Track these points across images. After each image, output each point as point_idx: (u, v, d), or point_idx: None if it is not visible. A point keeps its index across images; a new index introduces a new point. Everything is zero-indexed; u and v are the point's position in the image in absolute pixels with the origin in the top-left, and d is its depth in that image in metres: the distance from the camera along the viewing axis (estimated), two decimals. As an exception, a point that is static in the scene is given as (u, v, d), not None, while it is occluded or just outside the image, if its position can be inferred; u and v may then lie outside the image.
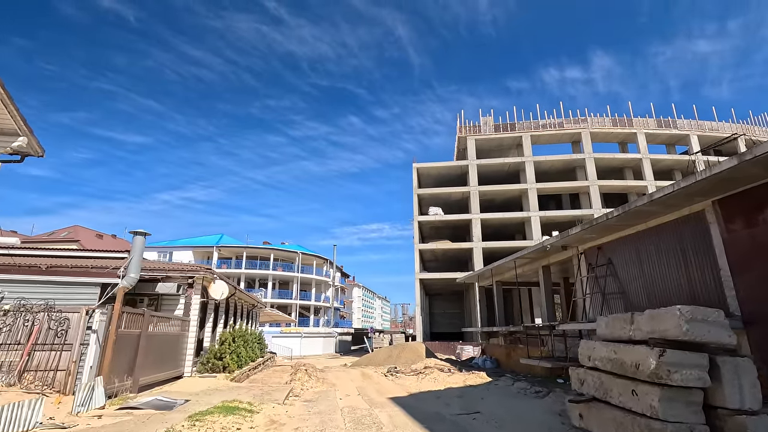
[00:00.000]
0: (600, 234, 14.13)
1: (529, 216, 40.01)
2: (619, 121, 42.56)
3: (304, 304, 50.15)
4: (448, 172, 44.70)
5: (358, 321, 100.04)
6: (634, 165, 42.79)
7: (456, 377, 14.25)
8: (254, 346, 21.44)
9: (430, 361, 22.21)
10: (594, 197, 39.64)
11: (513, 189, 41.61)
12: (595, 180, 40.13)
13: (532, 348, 20.13)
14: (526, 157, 41.98)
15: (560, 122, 43.10)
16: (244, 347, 18.18)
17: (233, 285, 16.89)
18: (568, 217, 40.00)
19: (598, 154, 41.24)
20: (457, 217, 41.39)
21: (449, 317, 58.72)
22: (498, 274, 24.03)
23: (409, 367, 21.67)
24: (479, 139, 43.74)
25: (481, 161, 42.47)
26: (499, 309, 24.34)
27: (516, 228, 43.79)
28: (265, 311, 32.22)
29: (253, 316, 28.21)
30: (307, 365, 22.11)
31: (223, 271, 44.27)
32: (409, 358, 26.75)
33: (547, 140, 44.61)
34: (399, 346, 28.41)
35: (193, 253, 46.05)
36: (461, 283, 47.59)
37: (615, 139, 44.06)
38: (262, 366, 22.10)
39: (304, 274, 49.63)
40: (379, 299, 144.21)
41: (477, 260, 39.20)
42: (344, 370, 23.62)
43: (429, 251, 43.89)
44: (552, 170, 43.82)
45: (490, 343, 25.78)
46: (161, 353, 11.68)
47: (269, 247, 47.57)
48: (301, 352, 44.82)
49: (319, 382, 15.03)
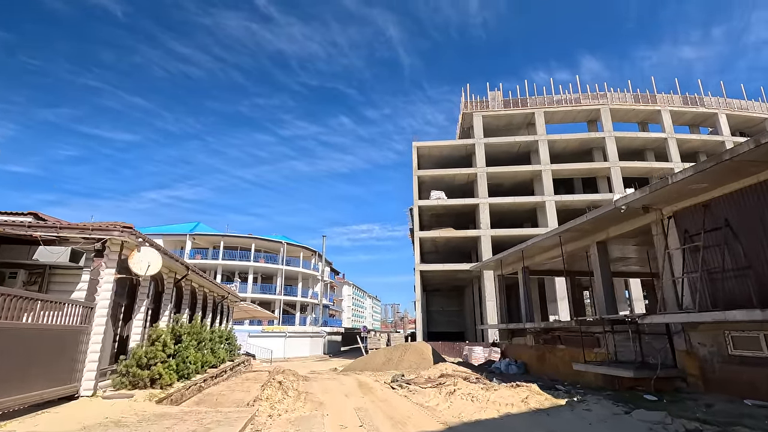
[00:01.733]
0: (717, 181, 9.57)
1: (544, 201, 35.62)
2: (641, 97, 38.46)
3: (289, 300, 45.10)
4: (451, 152, 40.11)
5: (348, 321, 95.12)
6: (656, 146, 38.72)
7: (502, 393, 9.60)
8: (218, 348, 16.53)
9: (445, 366, 17.50)
10: (616, 180, 35.40)
11: (525, 171, 37.18)
12: (616, 161, 35.90)
13: (577, 349, 15.59)
14: (540, 136, 37.61)
15: (576, 98, 38.83)
16: (197, 349, 13.27)
17: (177, 260, 11.97)
18: (585, 203, 35.72)
19: (619, 133, 37.05)
20: (462, 201, 36.81)
21: (448, 315, 54.18)
22: (527, 258, 19.47)
23: (417, 374, 16.93)
24: (487, 115, 39.23)
25: (490, 140, 37.97)
26: (527, 301, 19.76)
27: (525, 216, 39.38)
28: (240, 306, 27.20)
29: (223, 311, 23.20)
30: (287, 372, 17.20)
31: (197, 262, 39.08)
32: (413, 361, 22.03)
33: (561, 118, 40.31)
34: (400, 348, 23.68)
35: (164, 242, 40.65)
36: (463, 278, 43.17)
37: (635, 118, 39.96)
38: (229, 373, 17.18)
39: (290, 266, 44.58)
40: (370, 298, 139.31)
41: (485, 249, 34.66)
42: (335, 377, 18.79)
43: (429, 241, 39.25)
44: (565, 152, 39.53)
45: (513, 343, 21.18)
46: (34, 359, 6.81)
47: (250, 236, 42.45)
48: (285, 354, 39.83)
49: (299, 400, 10.21)
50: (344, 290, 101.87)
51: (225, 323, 24.27)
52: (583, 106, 38.08)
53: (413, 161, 38.57)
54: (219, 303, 21.42)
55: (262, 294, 42.32)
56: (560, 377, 16.34)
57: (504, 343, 22.05)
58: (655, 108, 37.95)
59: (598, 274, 14.48)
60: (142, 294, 10.97)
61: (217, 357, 15.83)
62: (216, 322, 21.19)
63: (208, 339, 15.71)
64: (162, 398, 8.90)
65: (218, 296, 21.25)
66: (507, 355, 21.52)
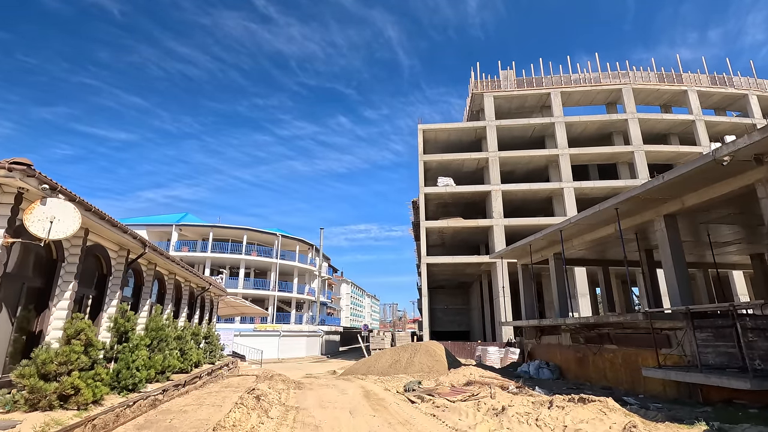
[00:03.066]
0: None
1: (561, 188, 32.62)
2: (666, 77, 35.52)
3: (284, 297, 41.97)
4: (460, 136, 37.08)
5: (346, 320, 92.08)
6: (681, 130, 35.82)
7: (580, 414, 6.60)
8: (190, 348, 13.44)
9: (468, 370, 14.43)
10: (640, 165, 32.43)
11: (541, 155, 34.19)
12: (641, 144, 32.94)
13: (634, 349, 12.58)
14: (556, 117, 34.61)
15: (596, 77, 35.87)
16: (154, 350, 10.20)
17: (126, 230, 8.87)
18: (606, 190, 32.73)
19: (643, 115, 34.09)
20: (472, 188, 33.77)
21: (452, 314, 51.15)
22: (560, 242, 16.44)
23: (436, 380, 13.88)
24: (498, 96, 36.21)
25: (502, 122, 34.95)
26: (562, 294, 16.74)
27: (539, 205, 36.41)
28: (227, 300, 24.09)
29: (204, 306, 20.11)
30: (275, 378, 14.15)
31: (184, 254, 35.96)
32: (424, 364, 18.97)
33: (577, 100, 37.34)
34: (408, 348, 20.62)
35: (147, 233, 37.52)
36: (471, 273, 40.15)
37: (658, 100, 37.02)
38: (205, 379, 14.09)
39: (285, 260, 41.43)
40: (369, 297, 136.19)
41: (498, 241, 31.64)
42: (334, 383, 15.71)
43: (436, 233, 36.23)
44: (582, 137, 36.57)
45: (542, 342, 18.14)
46: None
47: (242, 227, 39.29)
48: (279, 355, 36.72)
49: (285, 425, 7.12)
50: (342, 288, 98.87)
51: (207, 320, 21.21)
52: (603, 85, 35.10)
53: (419, 145, 35.53)
54: (198, 296, 18.32)
55: (255, 290, 39.19)
56: (611, 384, 13.33)
57: (530, 343, 19.00)
58: (680, 88, 35.02)
59: (668, 256, 11.44)
60: (68, 273, 7.86)
61: (188, 360, 12.73)
62: (195, 318, 18.10)
63: (175, 337, 12.60)
64: (72, 426, 5.80)
65: (197, 287, 18.15)
66: (534, 357, 18.48)
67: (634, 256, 18.06)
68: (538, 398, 9.16)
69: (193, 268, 16.37)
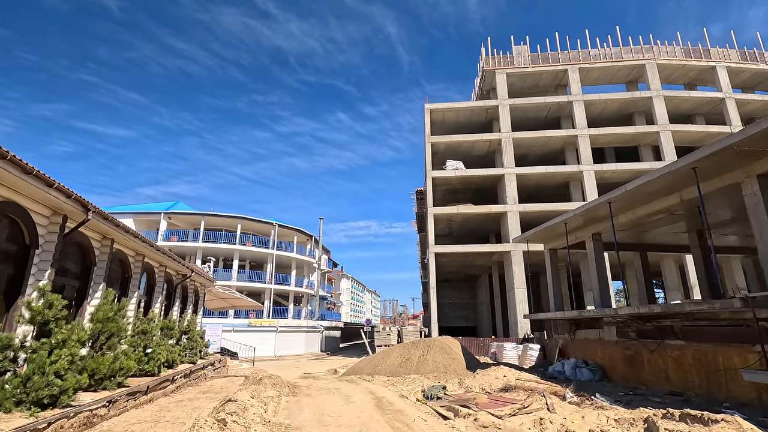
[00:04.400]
0: None
1: (581, 171, 30.09)
2: (693, 51, 32.90)
3: (281, 290, 39.47)
4: (469, 117, 34.50)
5: (346, 316, 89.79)
6: (707, 110, 33.27)
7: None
8: (159, 344, 10.95)
9: (500, 371, 11.93)
10: (666, 145, 29.89)
11: (558, 136, 31.64)
12: (666, 124, 30.38)
13: (712, 345, 10.13)
14: (575, 96, 32.03)
15: (617, 52, 33.25)
16: (96, 348, 7.71)
17: (52, 184, 6.34)
18: (628, 173, 30.19)
19: (668, 92, 31.52)
20: (484, 172, 31.24)
21: (459, 309, 48.78)
22: (600, 221, 13.97)
23: (464, 384, 11.41)
24: (511, 74, 33.59)
25: (516, 101, 32.35)
26: (600, 280, 14.26)
27: (555, 191, 33.89)
28: (215, 291, 21.60)
29: (187, 297, 17.63)
30: (264, 382, 11.67)
31: (173, 244, 33.46)
32: (440, 362, 16.51)
33: (596, 78, 34.74)
34: (420, 345, 18.16)
35: (134, 222, 35.01)
36: (481, 265, 37.61)
37: (682, 78, 34.43)
38: (180, 382, 11.59)
39: (282, 251, 38.90)
40: (369, 293, 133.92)
41: (512, 228, 29.14)
42: (337, 386, 13.22)
43: (444, 221, 33.74)
44: (601, 117, 34.01)
45: (576, 338, 15.67)
46: None
47: (235, 215, 36.73)
48: (276, 352, 34.33)
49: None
50: (342, 284, 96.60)
51: (192, 312, 18.74)
52: (625, 61, 32.46)
53: (426, 126, 32.97)
54: (178, 284, 15.81)
55: (250, 282, 36.71)
56: (677, 387, 10.86)
57: (561, 338, 16.53)
58: (708, 64, 32.41)
59: (765, 226, 8.93)
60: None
61: (155, 359, 10.25)
62: (175, 310, 15.61)
63: (138, 332, 10.13)
64: None
65: (176, 274, 15.65)
66: (567, 354, 16.03)
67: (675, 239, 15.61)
68: (615, 412, 6.68)
69: (170, 252, 13.87)
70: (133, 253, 11.58)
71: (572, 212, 13.75)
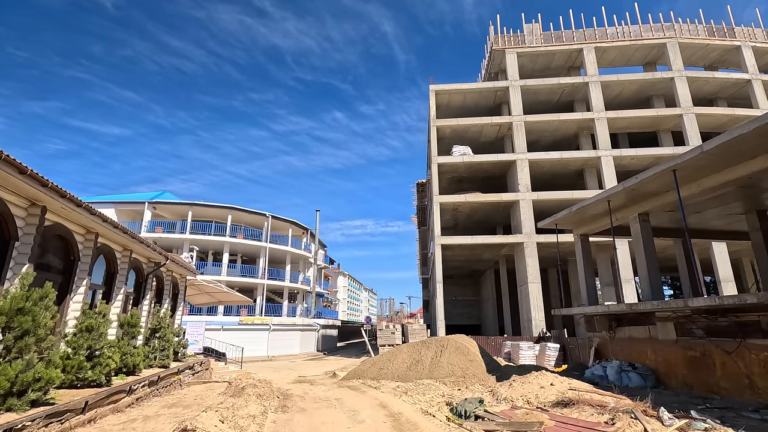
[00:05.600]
0: None
1: (599, 156, 27.91)
2: (716, 30, 30.79)
3: (275, 286, 37.06)
4: (477, 100, 32.23)
5: (343, 314, 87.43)
6: (730, 93, 31.24)
7: None
8: (102, 347, 8.54)
9: (545, 378, 9.62)
10: (690, 129, 27.76)
11: (573, 120, 29.43)
12: (690, 106, 28.25)
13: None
14: (591, 76, 29.82)
15: (635, 30, 31.07)
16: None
17: None
18: (648, 159, 28.10)
19: (692, 73, 29.38)
20: (494, 157, 29.00)
21: (462, 306, 46.59)
22: (649, 198, 11.75)
23: (489, 393, 9.13)
24: (523, 53, 31.33)
25: (527, 82, 30.10)
26: (650, 268, 12.02)
27: (568, 179, 31.70)
28: (197, 284, 19.20)
29: (164, 290, 15.23)
30: (246, 391, 9.34)
31: (158, 236, 31.00)
32: (456, 365, 14.24)
33: (612, 60, 32.57)
34: (431, 344, 15.87)
35: (116, 212, 32.50)
36: (488, 259, 35.32)
37: (703, 60, 32.32)
38: (142, 392, 9.20)
39: (276, 245, 36.48)
40: (366, 291, 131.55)
41: (525, 218, 26.93)
42: (338, 395, 10.88)
43: (448, 213, 31.52)
44: (617, 101, 31.86)
45: (617, 336, 13.43)
46: None
47: (226, 205, 34.26)
48: (269, 352, 31.97)
49: None
50: (339, 281, 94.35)
51: (170, 307, 16.36)
52: (645, 39, 30.26)
53: (431, 109, 30.67)
54: (150, 274, 13.41)
55: (241, 277, 34.30)
56: (764, 398, 8.65)
57: (597, 337, 14.28)
58: (732, 44, 30.31)
59: None
60: None
61: (101, 365, 7.89)
62: (145, 304, 13.22)
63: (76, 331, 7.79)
64: None
65: (148, 262, 13.26)
66: (604, 355, 13.79)
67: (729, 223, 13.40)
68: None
69: (138, 235, 11.54)
70: (82, 230, 9.20)
71: (621, 186, 11.48)
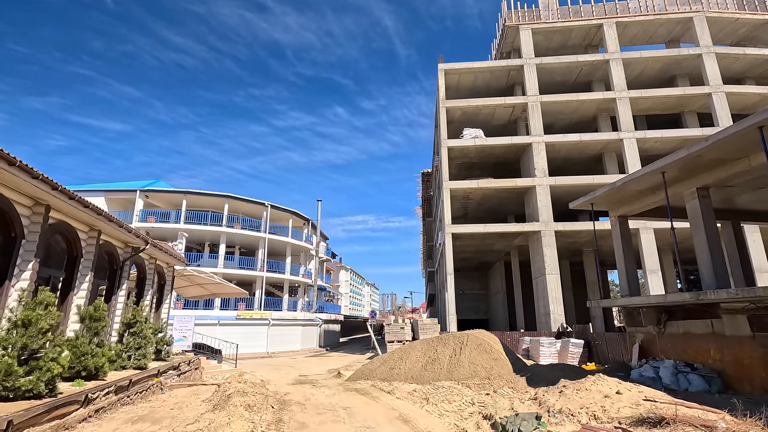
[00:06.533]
0: None
1: (620, 138, 26.01)
2: (747, 3, 28.71)
3: (275, 279, 35.33)
4: (488, 81, 30.28)
5: (345, 309, 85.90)
6: (760, 72, 29.28)
7: None
8: (39, 345, 6.73)
9: (609, 385, 7.76)
10: (720, 109, 25.80)
11: (593, 99, 27.49)
12: (720, 85, 26.28)
13: None
14: (612, 53, 27.82)
15: (659, 3, 28.98)
16: None
17: None
18: (674, 141, 26.16)
19: (721, 49, 27.39)
20: (508, 140, 27.08)
21: (469, 300, 44.78)
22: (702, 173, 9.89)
23: (530, 401, 7.33)
24: (538, 29, 29.31)
25: (543, 60, 28.14)
26: (713, 251, 10.18)
27: (585, 165, 29.82)
28: (188, 275, 17.41)
29: (146, 279, 13.45)
30: (232, 401, 7.50)
31: (150, 226, 29.22)
32: (479, 364, 12.44)
33: (633, 37, 30.55)
34: (449, 341, 14.07)
35: (106, 200, 30.72)
36: (499, 250, 33.42)
37: (730, 37, 30.24)
38: (105, 402, 7.29)
39: (275, 235, 34.70)
40: (368, 285, 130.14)
41: (542, 205, 25.10)
42: (344, 400, 9.07)
43: (458, 201, 29.69)
44: (639, 80, 29.85)
45: (667, 332, 11.60)
46: None
47: (222, 194, 32.46)
48: (268, 348, 30.29)
49: None
50: (341, 276, 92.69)
51: (155, 301, 14.62)
52: (670, 14, 28.20)
53: (439, 89, 28.73)
54: (127, 260, 11.60)
55: (239, 270, 32.55)
56: None
57: (641, 333, 12.45)
58: (764, 18, 28.26)
59: None
60: None
61: (42, 369, 6.10)
62: (120, 296, 11.44)
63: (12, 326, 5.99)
64: None
65: (125, 247, 11.46)
66: (651, 353, 11.97)
67: None
68: None
69: (108, 213, 9.72)
70: (27, 201, 7.38)
71: (684, 151, 9.61)
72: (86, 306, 9.05)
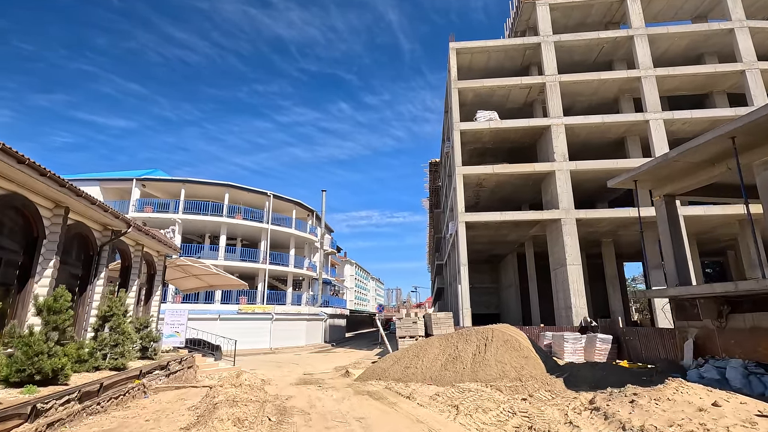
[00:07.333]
0: None
1: (646, 120, 24.25)
2: (781, -26, 26.77)
3: (278, 272, 33.93)
4: (502, 62, 28.53)
5: (351, 303, 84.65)
6: (795, 49, 27.28)
7: None
8: None
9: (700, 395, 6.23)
10: (754, 87, 23.97)
11: (615, 79, 25.72)
12: (754, 61, 24.43)
13: None
14: (636, 29, 25.98)
15: (687, -24, 27.09)
16: None
17: None
18: (704, 123, 24.41)
19: (754, 23, 25.48)
20: (524, 123, 25.40)
21: (480, 294, 43.16)
22: None
23: (589, 412, 5.82)
24: (556, 5, 27.49)
25: (561, 38, 26.37)
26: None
27: (606, 149, 28.02)
28: (181, 264, 15.97)
29: (131, 268, 11.99)
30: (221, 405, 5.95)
31: (147, 215, 27.86)
32: (507, 363, 10.92)
33: (657, 12, 28.71)
34: (471, 337, 12.54)
35: (101, 190, 29.38)
36: (512, 241, 31.73)
37: (763, 10, 28.29)
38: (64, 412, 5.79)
39: (278, 226, 33.26)
40: (374, 280, 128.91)
41: (561, 191, 23.45)
42: (357, 407, 7.55)
43: (471, 188, 28.12)
44: (664, 58, 27.98)
45: (729, 327, 10.01)
46: None
47: (223, 183, 31.01)
48: (271, 344, 28.98)
49: None
50: (346, 270, 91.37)
51: (145, 293, 13.17)
52: (699, -15, 26.34)
53: (451, 69, 27.04)
54: (105, 245, 10.14)
55: (241, 262, 31.17)
56: None
57: (695, 327, 10.87)
58: (800, -10, 26.35)
59: None
60: None
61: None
62: (98, 285, 9.99)
63: None
64: None
65: (102, 230, 10.00)
66: (712, 351, 10.39)
67: None
68: None
69: (77, 187, 8.26)
70: None
71: (763, 110, 7.99)
72: (48, 297, 7.59)
